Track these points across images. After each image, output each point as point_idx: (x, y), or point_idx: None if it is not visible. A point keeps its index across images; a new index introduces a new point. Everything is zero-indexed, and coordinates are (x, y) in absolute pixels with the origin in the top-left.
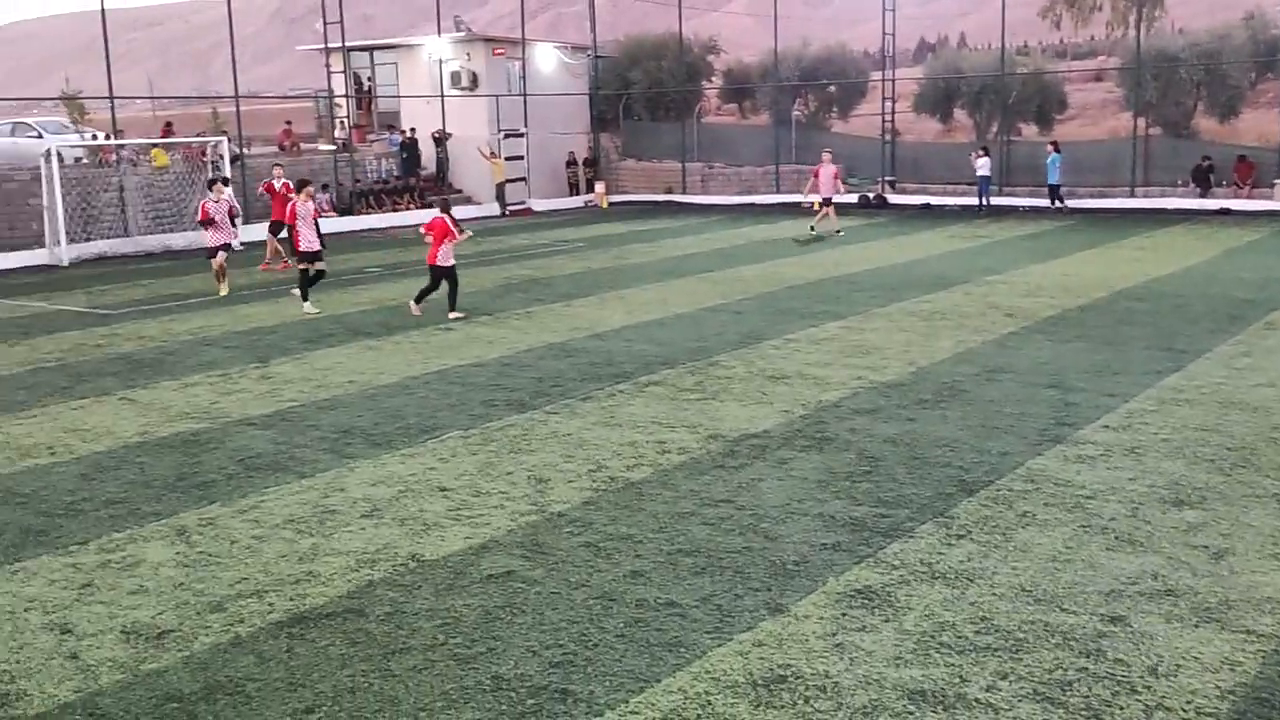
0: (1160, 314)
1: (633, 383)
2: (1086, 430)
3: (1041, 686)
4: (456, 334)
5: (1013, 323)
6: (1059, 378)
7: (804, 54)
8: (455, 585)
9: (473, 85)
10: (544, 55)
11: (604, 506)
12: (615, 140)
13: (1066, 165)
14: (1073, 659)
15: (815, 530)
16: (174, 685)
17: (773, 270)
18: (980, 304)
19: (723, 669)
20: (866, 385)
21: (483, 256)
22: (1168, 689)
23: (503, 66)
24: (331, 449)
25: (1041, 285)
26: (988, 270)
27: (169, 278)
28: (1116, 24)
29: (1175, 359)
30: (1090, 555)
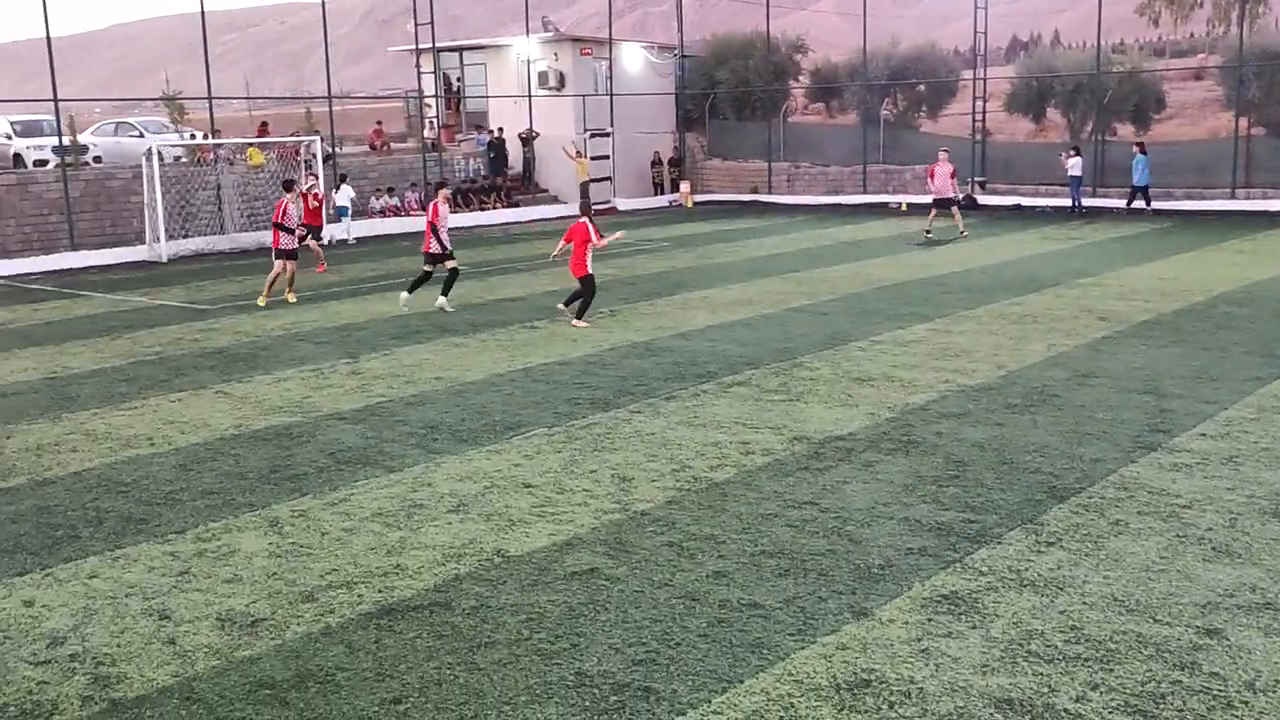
0: (1261, 319)
1: (717, 383)
2: (1182, 438)
3: (1133, 699)
4: (541, 332)
5: (1106, 326)
6: (1154, 383)
7: (893, 53)
8: (539, 581)
9: (560, 85)
10: (630, 55)
11: (687, 506)
12: (701, 140)
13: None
14: (1166, 671)
15: (901, 534)
16: (266, 672)
17: (859, 271)
18: (1073, 307)
19: (806, 671)
20: (954, 389)
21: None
22: (1266, 705)
23: (590, 66)
24: (419, 444)
25: (1136, 288)
26: (1080, 272)
27: (263, 274)
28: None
29: (1276, 365)
30: (1185, 566)
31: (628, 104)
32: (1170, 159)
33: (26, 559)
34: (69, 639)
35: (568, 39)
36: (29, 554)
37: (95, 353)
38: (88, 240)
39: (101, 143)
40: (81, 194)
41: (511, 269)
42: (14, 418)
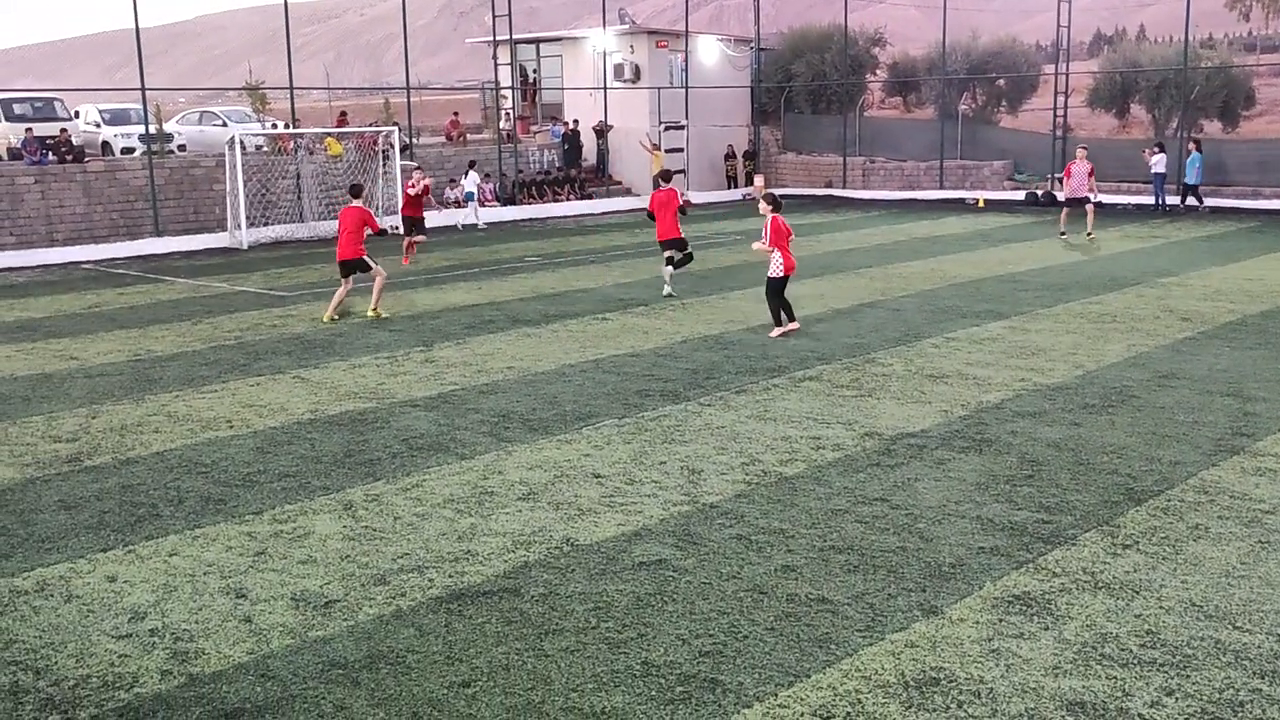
0: None
1: (788, 377)
2: (1266, 442)
3: (1210, 705)
4: (612, 323)
5: (1189, 327)
6: (1238, 386)
7: (972, 47)
8: (608, 570)
9: (635, 78)
10: (706, 48)
11: (756, 500)
12: (775, 133)
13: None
14: (1245, 679)
15: (973, 533)
16: (339, 653)
17: (935, 267)
18: (1154, 307)
19: (874, 668)
20: (1030, 387)
21: (639, 248)
22: None
23: (665, 59)
24: (491, 432)
25: (1221, 289)
26: (1163, 272)
27: None
28: None
29: None
30: (1268, 572)
31: (702, 97)
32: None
33: (110, 535)
34: (149, 614)
35: (643, 32)
36: (112, 531)
37: (177, 336)
38: (172, 226)
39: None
40: (166, 181)
41: (584, 260)
42: (100, 398)
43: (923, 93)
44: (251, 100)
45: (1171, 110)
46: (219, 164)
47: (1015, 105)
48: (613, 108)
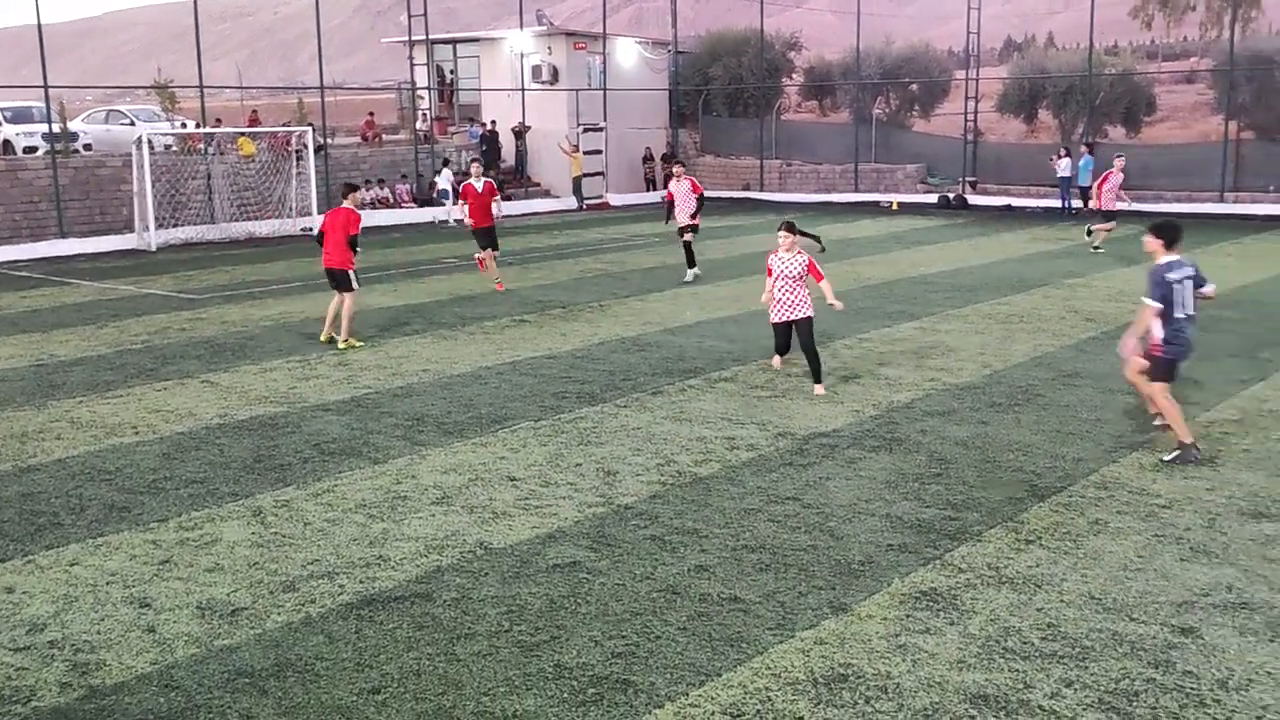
0: (1246, 322)
1: (704, 379)
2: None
3: (1107, 696)
4: (530, 326)
5: (1093, 327)
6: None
7: (886, 52)
8: (522, 573)
9: (553, 79)
10: (625, 50)
11: (671, 501)
12: (693, 136)
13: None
14: (1140, 669)
15: (882, 531)
16: (246, 661)
17: (849, 269)
18: (1060, 308)
19: (784, 665)
20: (940, 387)
21: (558, 250)
22: (1238, 703)
23: (583, 61)
24: (404, 436)
25: (1124, 290)
26: (1068, 273)
27: (252, 264)
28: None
29: (1260, 368)
30: (1163, 565)
31: (621, 99)
32: (1161, 162)
33: (8, 545)
34: (49, 625)
35: (562, 33)
36: (11, 540)
37: (82, 340)
38: (77, 228)
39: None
40: (71, 181)
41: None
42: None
43: (838, 97)
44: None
45: (1077, 115)
46: (126, 164)
47: (928, 110)
48: (531, 109)
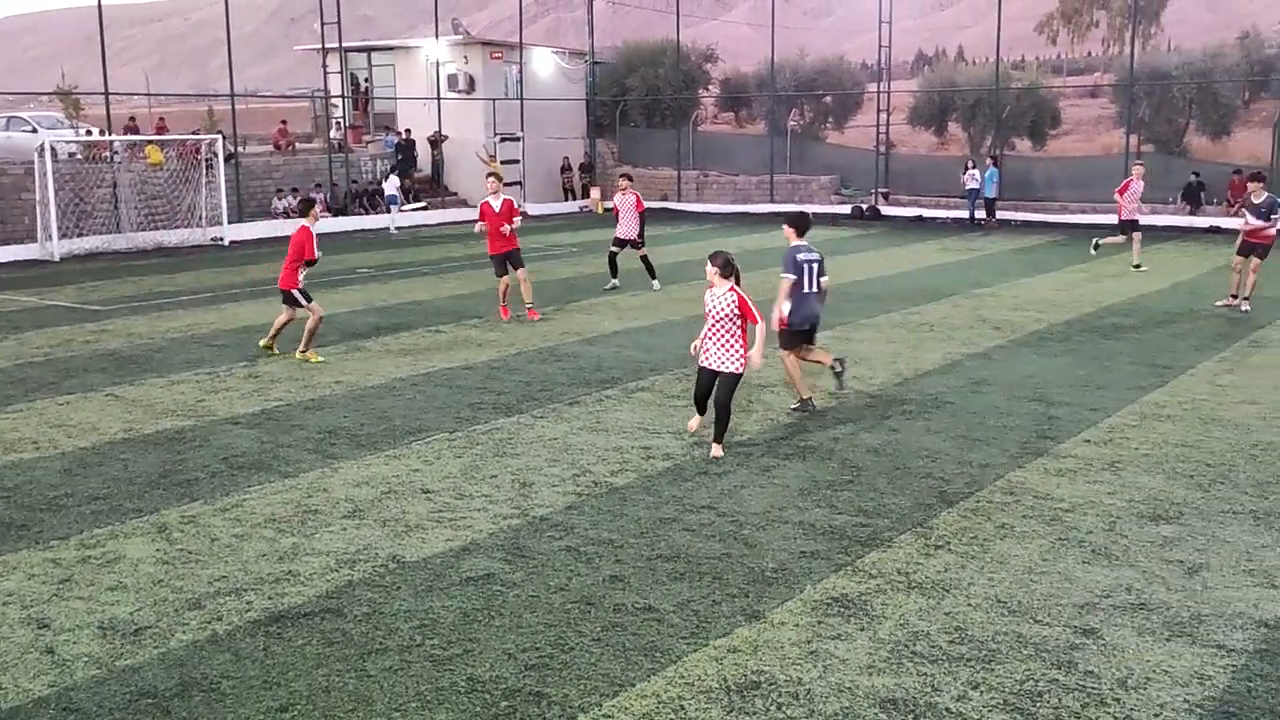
0: (1146, 330)
1: (621, 388)
2: (1068, 444)
3: (1012, 697)
4: (446, 336)
5: (1000, 336)
6: (1043, 391)
7: (800, 65)
8: (434, 587)
9: (469, 88)
10: (541, 60)
11: (586, 511)
12: (611, 146)
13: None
14: (1044, 670)
15: (795, 538)
16: (149, 682)
17: (763, 280)
18: (968, 316)
19: (697, 674)
20: (852, 395)
21: (474, 260)
22: (1137, 701)
23: (500, 70)
24: (316, 449)
25: (1030, 299)
26: (977, 283)
27: (160, 275)
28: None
29: (1159, 375)
30: (1066, 568)
31: (538, 109)
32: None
33: None
34: None
35: (478, 42)
36: None
37: None
38: None
39: None
40: None
41: (417, 272)
42: None
43: (754, 108)
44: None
45: (986, 128)
46: (28, 172)
47: (841, 122)
48: (447, 118)
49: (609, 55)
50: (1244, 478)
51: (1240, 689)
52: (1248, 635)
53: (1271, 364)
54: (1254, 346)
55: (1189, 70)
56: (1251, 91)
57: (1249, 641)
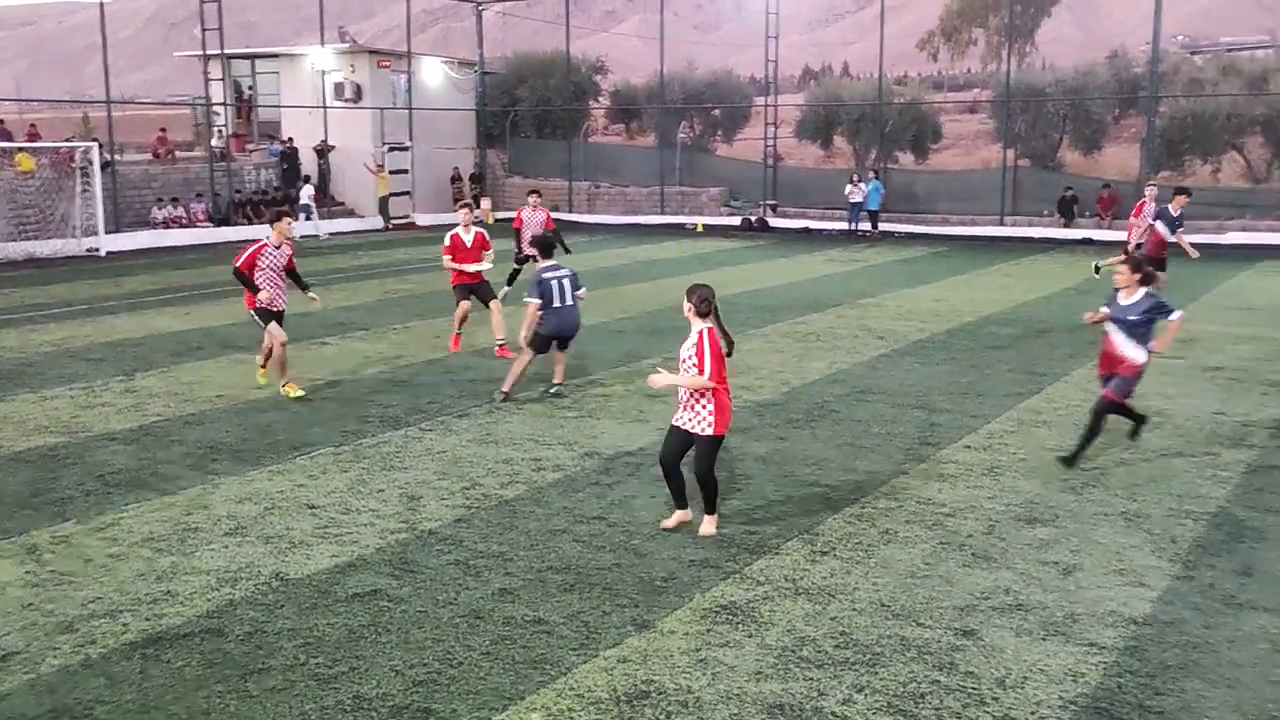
0: (1023, 338)
1: (511, 400)
2: (949, 450)
3: (896, 699)
4: (332, 348)
5: (884, 345)
6: (925, 399)
7: (690, 78)
8: (319, 604)
9: (357, 97)
10: (430, 69)
11: (476, 524)
12: (501, 156)
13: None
14: (926, 672)
15: (685, 547)
16: (17, 709)
17: (654, 290)
18: (853, 326)
19: (587, 685)
20: (741, 404)
21: (362, 270)
22: (1015, 700)
23: (388, 79)
24: (196, 465)
25: (912, 309)
26: (862, 294)
27: (32, 287)
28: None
29: (1036, 382)
30: (947, 571)
31: (427, 118)
32: (946, 187)
33: None
34: None
35: (365, 51)
36: None
37: None
38: None
39: None
40: None
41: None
42: None
43: (644, 120)
44: None
45: (870, 142)
46: None
47: (730, 135)
48: (334, 127)
49: (499, 65)
50: (1115, 481)
51: (1111, 685)
52: (1118, 633)
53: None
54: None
55: (1062, 87)
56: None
57: (1119, 639)
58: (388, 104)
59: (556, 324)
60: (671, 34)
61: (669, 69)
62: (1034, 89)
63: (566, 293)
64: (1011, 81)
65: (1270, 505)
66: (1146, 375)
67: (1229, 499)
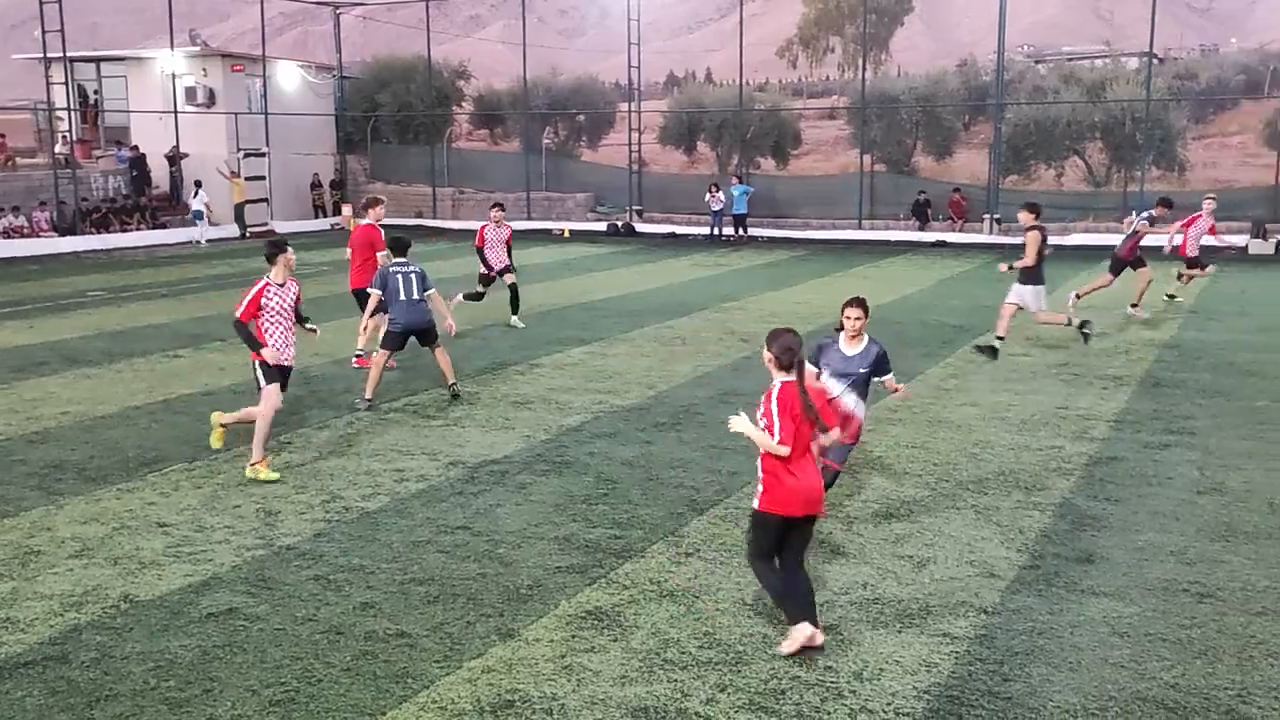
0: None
1: (373, 410)
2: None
3: (758, 696)
4: (186, 361)
5: (748, 347)
6: None
7: (554, 83)
8: (171, 626)
9: (210, 102)
10: (287, 74)
11: (336, 538)
12: (363, 162)
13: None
14: (787, 668)
15: (550, 554)
16: None
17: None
18: (718, 329)
19: (450, 697)
20: (608, 409)
21: (218, 280)
22: (871, 692)
23: (243, 83)
24: (39, 485)
25: (775, 311)
26: (726, 297)
27: None
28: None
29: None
30: (808, 567)
31: (284, 124)
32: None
33: None
34: None
35: (217, 54)
36: None
37: None
38: None
39: None
40: None
41: (155, 294)
42: None
43: (508, 126)
44: None
45: (732, 148)
46: None
47: (595, 140)
48: (187, 133)
49: (359, 70)
50: (966, 475)
51: (962, 673)
52: (969, 623)
53: (990, 369)
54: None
55: (915, 95)
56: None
57: (970, 629)
58: (243, 109)
59: (406, 318)
60: (535, 40)
61: (533, 74)
62: (888, 96)
63: (414, 288)
64: (867, 89)
65: (1110, 495)
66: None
67: (1072, 490)
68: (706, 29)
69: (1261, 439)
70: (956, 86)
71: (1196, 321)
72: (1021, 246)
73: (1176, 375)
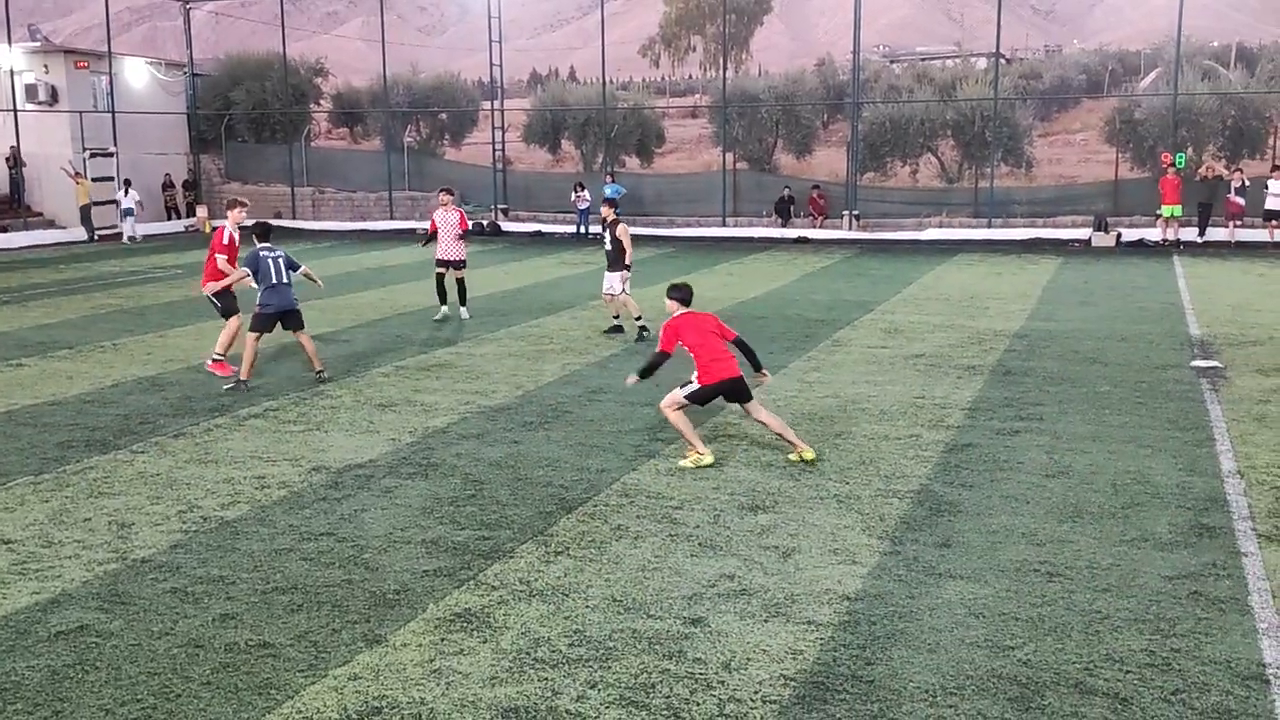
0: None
1: (231, 416)
2: (677, 444)
3: (628, 692)
4: (29, 370)
5: (616, 345)
6: (654, 395)
7: (415, 81)
8: (17, 646)
9: (52, 100)
10: (135, 70)
11: (194, 549)
12: (217, 162)
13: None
14: (656, 662)
15: (418, 557)
16: None
17: (385, 297)
18: (585, 328)
19: (315, 706)
20: (475, 410)
21: (64, 285)
22: (739, 681)
23: (88, 81)
24: None
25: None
26: (592, 295)
27: None
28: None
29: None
30: (676, 562)
31: (133, 123)
32: (671, 190)
33: None
34: None
35: (59, 50)
36: None
37: None
38: None
39: None
40: None
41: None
42: None
43: (368, 124)
44: None
45: (596, 146)
46: None
47: (458, 139)
48: (27, 133)
49: (212, 67)
50: (829, 465)
51: (827, 659)
52: (833, 610)
53: (850, 361)
54: (836, 346)
55: (775, 94)
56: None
57: (834, 615)
58: (88, 107)
59: (277, 301)
60: (395, 37)
61: (393, 72)
62: (749, 95)
63: (282, 271)
64: (728, 88)
65: (966, 481)
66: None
67: (930, 477)
68: (569, 27)
69: (1104, 423)
70: (815, 86)
71: (1044, 311)
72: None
73: (1026, 364)
